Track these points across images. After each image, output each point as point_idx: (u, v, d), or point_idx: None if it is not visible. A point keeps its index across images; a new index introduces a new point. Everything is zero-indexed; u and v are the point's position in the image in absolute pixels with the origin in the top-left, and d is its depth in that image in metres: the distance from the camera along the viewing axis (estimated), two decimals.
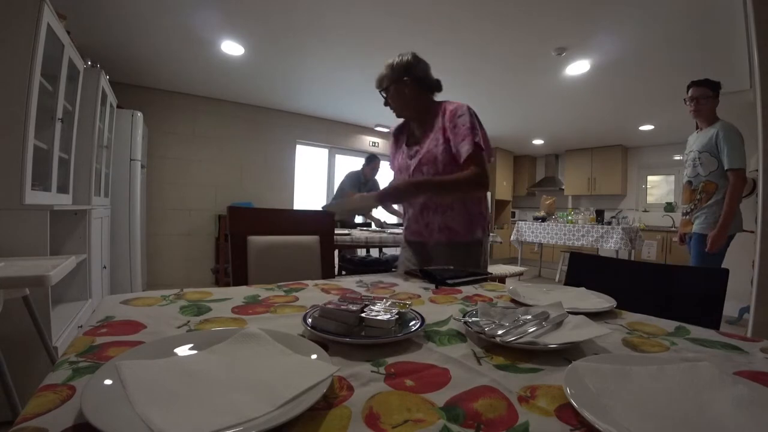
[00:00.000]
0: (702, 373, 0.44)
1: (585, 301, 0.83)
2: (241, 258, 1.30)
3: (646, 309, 0.80)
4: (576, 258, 1.23)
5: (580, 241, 4.93)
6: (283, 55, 3.22)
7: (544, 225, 5.40)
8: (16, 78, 1.50)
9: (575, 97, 4.02)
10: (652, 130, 5.17)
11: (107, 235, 2.89)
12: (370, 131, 5.87)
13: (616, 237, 4.55)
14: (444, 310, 0.78)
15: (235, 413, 0.34)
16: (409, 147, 1.45)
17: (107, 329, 0.58)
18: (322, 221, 1.52)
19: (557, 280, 5.43)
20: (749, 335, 1.61)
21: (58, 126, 1.81)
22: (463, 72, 3.45)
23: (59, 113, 1.82)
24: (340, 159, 5.72)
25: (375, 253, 3.74)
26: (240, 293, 0.85)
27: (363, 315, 0.59)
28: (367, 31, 2.78)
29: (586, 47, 2.89)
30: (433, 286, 1.03)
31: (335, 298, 0.69)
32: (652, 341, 0.62)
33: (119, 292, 3.03)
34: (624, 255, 4.75)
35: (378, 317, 0.58)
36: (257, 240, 1.34)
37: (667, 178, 6.07)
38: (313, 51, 3.11)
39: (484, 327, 0.59)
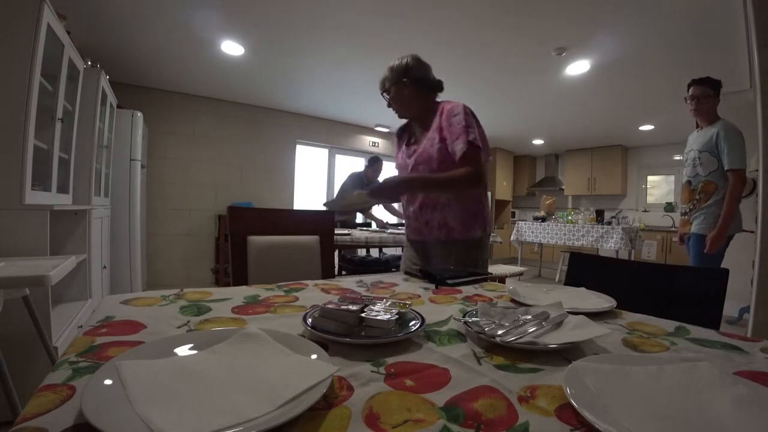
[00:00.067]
0: (702, 373, 0.44)
1: (585, 301, 0.83)
2: (241, 258, 1.31)
3: (646, 309, 0.80)
4: (576, 258, 1.23)
5: (580, 241, 4.93)
6: (283, 55, 3.22)
7: (544, 225, 5.40)
8: (16, 78, 1.50)
9: (575, 97, 4.02)
10: (652, 130, 5.17)
11: (107, 235, 2.89)
12: (370, 131, 5.87)
13: (616, 237, 4.55)
14: (444, 310, 0.78)
15: (235, 413, 0.34)
16: (408, 146, 1.48)
17: (107, 329, 0.58)
18: (322, 221, 1.52)
19: (557, 280, 5.43)
20: (749, 335, 1.61)
21: (58, 126, 1.81)
22: (464, 72, 3.46)
23: (59, 113, 1.82)
24: (340, 159, 5.72)
25: (375, 253, 3.74)
26: (240, 293, 0.85)
27: (363, 315, 0.59)
28: (367, 32, 2.78)
29: (586, 47, 2.89)
30: (433, 286, 1.03)
31: (335, 298, 0.69)
32: (652, 341, 0.62)
33: (119, 292, 3.03)
34: (624, 255, 4.75)
35: (378, 317, 0.58)
36: (257, 240, 1.34)
37: (667, 178, 6.07)
38: (313, 51, 3.11)
39: (484, 327, 0.59)
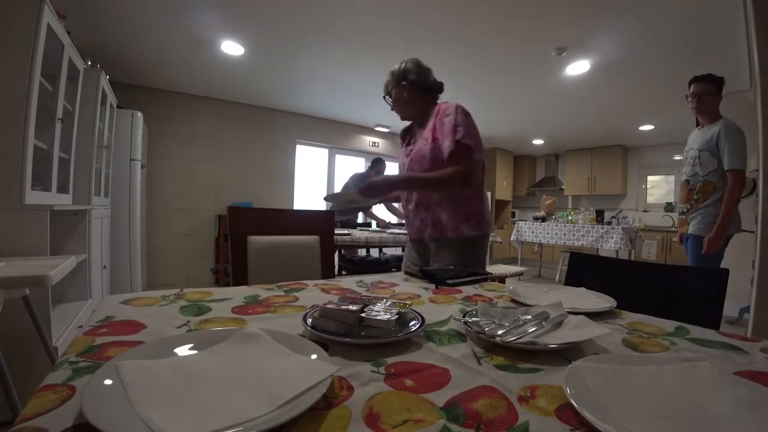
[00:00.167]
0: (702, 373, 0.44)
1: (585, 301, 0.83)
2: (241, 258, 1.31)
3: (646, 309, 0.80)
4: (576, 258, 1.23)
5: (580, 241, 4.93)
6: (283, 55, 3.22)
7: (544, 225, 5.40)
8: (16, 78, 1.50)
9: (575, 97, 4.02)
10: (652, 130, 5.17)
11: (107, 235, 2.89)
12: (370, 131, 5.87)
13: (616, 237, 4.55)
14: (444, 310, 0.78)
15: (235, 413, 0.34)
16: (408, 147, 1.51)
17: (107, 329, 0.58)
18: (322, 221, 1.52)
19: (557, 280, 5.43)
20: (749, 335, 1.61)
21: (58, 126, 1.81)
22: (464, 72, 3.45)
23: (59, 113, 1.82)
24: (340, 159, 5.73)
25: (375, 253, 3.74)
26: (240, 293, 0.85)
27: (363, 315, 0.59)
28: (367, 32, 2.78)
29: (586, 47, 2.89)
30: (433, 286, 1.03)
31: (335, 298, 0.69)
32: (652, 341, 0.62)
33: (119, 292, 3.03)
34: (624, 255, 4.75)
35: (378, 317, 0.58)
36: (257, 240, 1.34)
37: (667, 178, 6.07)
38: (314, 51, 3.11)
39: (484, 327, 0.59)
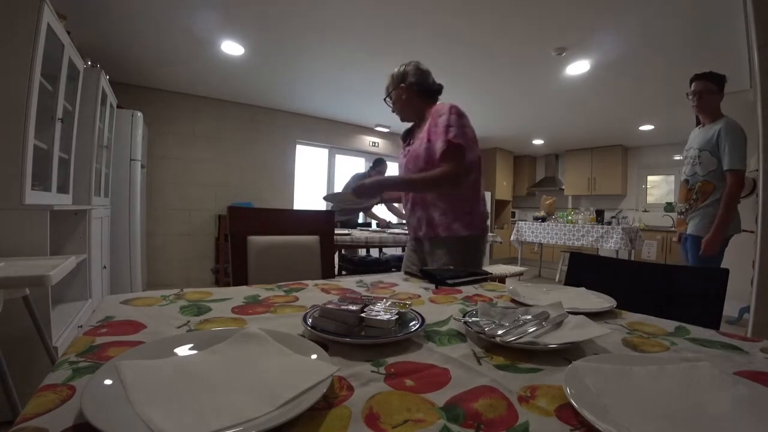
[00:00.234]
0: (702, 373, 0.44)
1: (585, 301, 0.83)
2: (241, 258, 1.31)
3: (646, 309, 0.80)
4: (576, 258, 1.23)
5: (580, 241, 4.93)
6: (284, 55, 3.22)
7: (544, 225, 5.40)
8: (16, 78, 1.49)
9: (575, 97, 4.02)
10: (652, 130, 5.17)
11: (107, 235, 2.89)
12: (370, 131, 5.87)
13: (616, 237, 4.55)
14: (444, 310, 0.78)
15: (235, 413, 0.34)
16: (406, 147, 1.52)
17: (107, 329, 0.58)
18: (322, 221, 1.52)
19: (557, 280, 5.43)
20: (749, 335, 1.61)
21: (58, 126, 1.81)
22: (464, 72, 3.45)
23: (59, 113, 1.82)
24: (340, 159, 5.72)
25: (375, 253, 3.74)
26: (240, 293, 0.85)
27: (363, 315, 0.59)
28: (367, 33, 2.78)
29: (586, 47, 2.88)
30: (433, 286, 1.03)
31: (335, 298, 0.69)
32: (652, 341, 0.62)
33: (119, 292, 3.03)
34: (624, 255, 4.75)
35: (378, 317, 0.58)
36: (257, 240, 1.34)
37: (667, 178, 6.07)
38: (314, 51, 3.11)
39: (484, 327, 0.59)
